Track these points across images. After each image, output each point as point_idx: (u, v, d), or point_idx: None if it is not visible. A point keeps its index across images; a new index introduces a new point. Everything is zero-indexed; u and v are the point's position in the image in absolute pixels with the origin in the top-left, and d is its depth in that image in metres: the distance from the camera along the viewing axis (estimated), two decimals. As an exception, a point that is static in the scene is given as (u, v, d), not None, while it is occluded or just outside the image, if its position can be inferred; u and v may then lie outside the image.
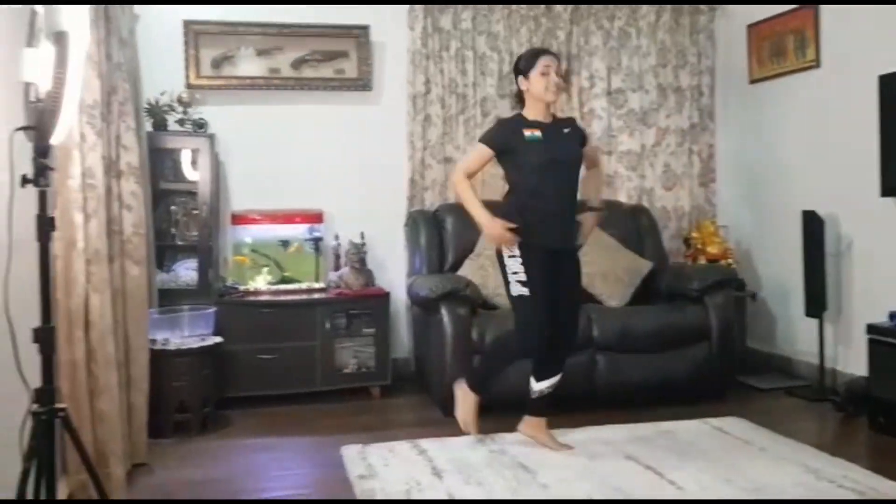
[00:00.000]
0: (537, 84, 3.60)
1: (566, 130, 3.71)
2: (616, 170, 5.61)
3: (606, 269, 4.83)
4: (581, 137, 3.77)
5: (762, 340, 5.42)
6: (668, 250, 5.51)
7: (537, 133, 3.59)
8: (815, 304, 4.64)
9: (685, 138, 5.71)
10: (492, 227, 3.52)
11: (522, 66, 3.66)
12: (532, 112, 3.66)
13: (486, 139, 3.69)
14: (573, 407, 4.31)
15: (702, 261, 5.31)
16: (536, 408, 3.76)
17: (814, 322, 4.68)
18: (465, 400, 3.78)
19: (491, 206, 3.65)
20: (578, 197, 3.74)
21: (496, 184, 5.36)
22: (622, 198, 5.57)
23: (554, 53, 3.76)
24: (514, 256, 3.54)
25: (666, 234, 5.58)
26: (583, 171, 3.80)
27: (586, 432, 3.95)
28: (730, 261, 5.31)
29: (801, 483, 3.23)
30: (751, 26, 5.44)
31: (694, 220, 5.69)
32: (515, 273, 3.54)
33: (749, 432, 3.93)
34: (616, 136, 5.61)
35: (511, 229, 3.51)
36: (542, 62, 3.60)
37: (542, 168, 3.56)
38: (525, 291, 3.52)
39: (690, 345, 4.52)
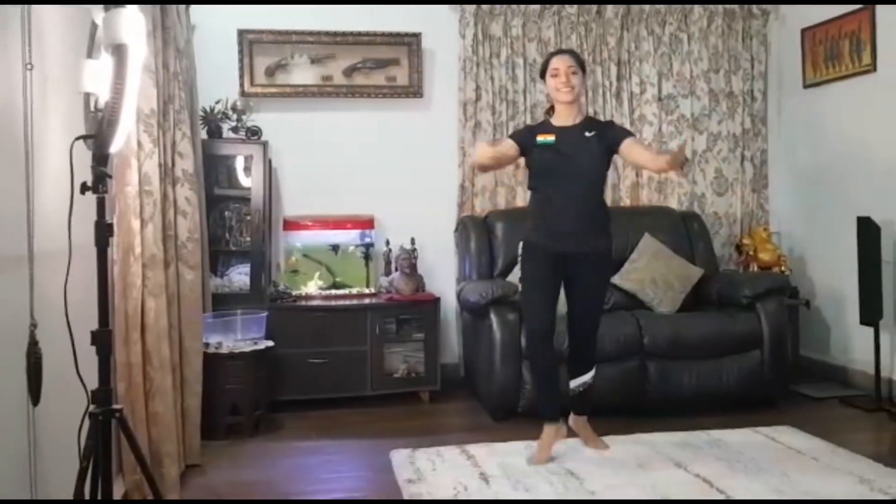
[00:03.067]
0: (550, 85, 3.67)
1: (589, 134, 3.61)
2: (667, 175, 5.56)
3: (657, 276, 4.80)
4: (611, 138, 3.60)
5: (816, 349, 5.32)
6: (720, 257, 5.47)
7: (550, 138, 3.61)
8: (871, 312, 4.53)
9: (737, 144, 5.65)
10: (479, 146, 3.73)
11: (541, 70, 3.77)
12: (558, 117, 3.70)
13: (511, 133, 3.96)
14: (623, 414, 4.29)
15: (754, 268, 5.26)
16: (575, 405, 3.87)
17: (869, 330, 4.58)
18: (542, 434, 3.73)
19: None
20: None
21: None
22: (673, 204, 5.53)
23: (571, 52, 3.81)
24: (520, 259, 3.74)
25: (717, 240, 5.53)
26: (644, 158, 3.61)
27: (636, 439, 3.93)
28: (783, 268, 5.24)
29: (854, 494, 3.17)
30: (805, 30, 5.36)
31: (746, 226, 5.63)
32: (520, 272, 3.74)
33: (801, 442, 3.86)
34: (667, 142, 5.56)
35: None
36: (553, 64, 3.64)
37: (550, 173, 3.61)
38: (523, 291, 3.76)
39: (742, 353, 4.46)
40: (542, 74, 3.73)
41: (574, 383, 3.82)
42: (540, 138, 3.63)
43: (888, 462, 3.53)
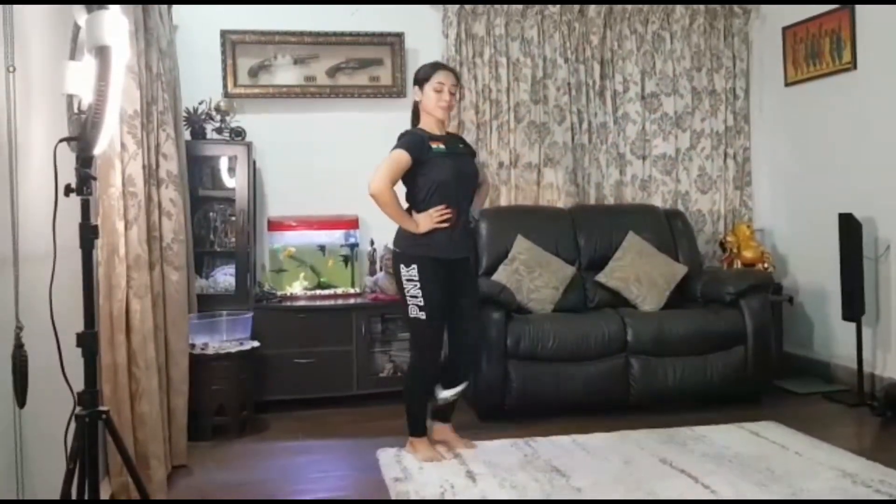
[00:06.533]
0: (430, 98, 3.68)
1: (461, 146, 3.84)
2: (650, 174, 5.60)
3: (641, 273, 4.82)
4: (473, 154, 3.94)
5: (799, 345, 5.36)
6: (704, 254, 5.51)
7: (442, 146, 3.66)
8: (853, 308, 4.58)
9: (720, 141, 5.69)
10: (424, 222, 3.60)
11: (420, 77, 3.73)
12: (427, 126, 3.73)
13: (404, 146, 3.61)
14: (608, 411, 4.32)
15: (737, 265, 5.30)
16: (443, 414, 3.90)
17: (851, 326, 4.62)
18: (417, 448, 3.75)
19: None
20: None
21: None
22: (657, 201, 5.55)
23: (455, 73, 3.84)
24: (412, 280, 3.60)
25: (701, 237, 5.57)
26: None
27: (621, 436, 3.95)
28: (766, 265, 5.28)
29: (838, 488, 3.20)
30: (786, 29, 5.40)
31: (729, 223, 5.66)
32: (414, 297, 3.60)
33: (785, 437, 3.90)
34: (650, 140, 5.60)
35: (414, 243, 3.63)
36: (438, 77, 3.67)
37: (448, 181, 3.63)
38: (422, 315, 3.60)
39: (726, 349, 4.49)
40: (420, 82, 3.72)
41: (449, 393, 3.80)
42: (434, 146, 3.64)
43: (870, 456, 3.57)
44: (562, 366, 4.31)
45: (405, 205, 3.73)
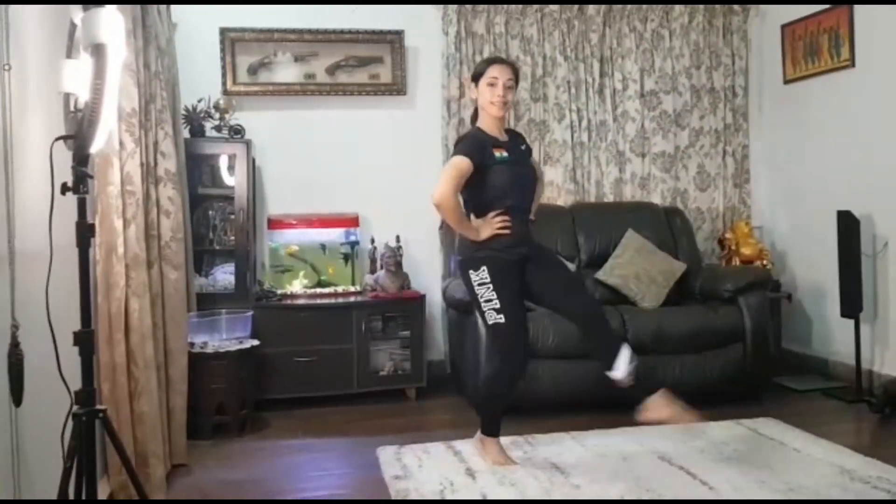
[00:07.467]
0: (483, 94, 3.45)
1: (522, 147, 3.60)
2: (650, 171, 5.60)
3: (640, 271, 4.82)
4: (530, 151, 3.69)
5: (798, 342, 5.37)
6: (703, 252, 5.51)
7: (505, 154, 3.45)
8: (851, 304, 4.58)
9: (719, 139, 5.69)
10: (485, 230, 3.41)
11: (476, 73, 3.52)
12: (488, 126, 3.50)
13: (464, 152, 3.37)
14: (607, 407, 4.31)
15: (736, 262, 5.30)
16: (640, 390, 3.49)
17: (850, 323, 4.63)
18: (488, 449, 3.61)
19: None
20: None
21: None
22: (656, 199, 5.56)
23: (514, 66, 3.56)
24: (484, 283, 3.41)
25: (700, 235, 5.57)
26: None
27: (620, 433, 3.95)
28: (764, 262, 5.28)
29: (836, 484, 3.21)
30: (785, 26, 5.40)
31: (728, 221, 5.67)
32: (489, 301, 3.41)
33: (783, 433, 3.90)
34: (649, 138, 5.59)
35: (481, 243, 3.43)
36: (492, 72, 3.43)
37: (511, 189, 3.44)
38: (501, 319, 3.40)
39: (725, 346, 4.49)
40: (475, 78, 3.50)
41: (619, 372, 3.40)
42: (497, 154, 3.42)
43: (869, 452, 3.58)
44: (561, 363, 4.31)
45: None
